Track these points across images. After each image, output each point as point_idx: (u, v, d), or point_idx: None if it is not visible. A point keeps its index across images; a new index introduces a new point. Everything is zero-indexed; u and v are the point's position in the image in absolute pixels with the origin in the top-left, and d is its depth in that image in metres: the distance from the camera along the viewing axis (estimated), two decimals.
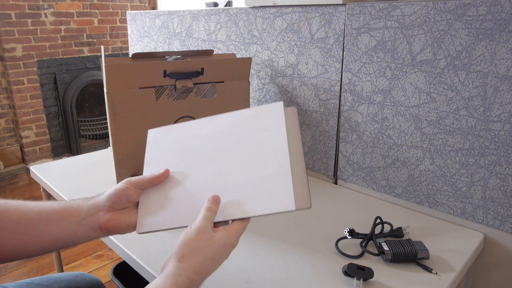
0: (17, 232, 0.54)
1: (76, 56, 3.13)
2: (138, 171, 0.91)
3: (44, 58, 2.95)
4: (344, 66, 0.89)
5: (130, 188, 0.56)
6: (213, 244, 0.49)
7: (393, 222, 0.74)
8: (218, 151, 0.58)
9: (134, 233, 0.75)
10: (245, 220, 0.52)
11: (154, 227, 0.56)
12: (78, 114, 3.24)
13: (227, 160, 0.56)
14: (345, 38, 0.87)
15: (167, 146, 0.62)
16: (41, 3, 2.86)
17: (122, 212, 0.57)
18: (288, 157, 0.53)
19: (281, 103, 0.57)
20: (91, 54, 3.21)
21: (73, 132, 3.17)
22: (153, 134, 0.65)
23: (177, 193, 0.57)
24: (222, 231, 0.50)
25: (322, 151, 0.99)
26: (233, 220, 0.52)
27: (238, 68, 0.96)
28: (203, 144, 0.59)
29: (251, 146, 0.56)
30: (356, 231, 0.72)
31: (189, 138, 0.61)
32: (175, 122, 0.92)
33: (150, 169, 0.61)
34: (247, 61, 0.97)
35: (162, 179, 0.59)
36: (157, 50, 1.43)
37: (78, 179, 1.01)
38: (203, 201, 0.53)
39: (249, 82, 1.00)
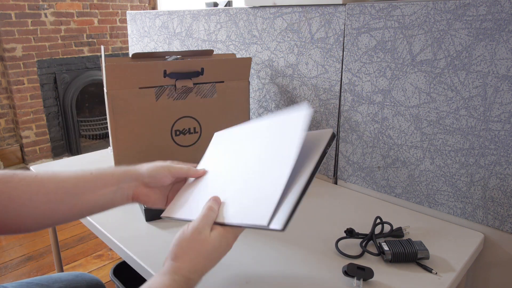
0: (56, 202, 0.57)
1: (76, 56, 3.13)
2: None
3: (44, 58, 2.95)
4: (344, 66, 0.89)
5: (167, 176, 0.61)
6: (208, 244, 0.50)
7: (393, 222, 0.74)
8: (243, 155, 0.61)
9: (134, 233, 0.75)
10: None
11: (175, 215, 0.61)
12: (78, 114, 3.24)
13: (241, 164, 0.59)
14: (345, 38, 0.87)
15: (221, 147, 0.68)
16: (41, 3, 2.86)
17: (154, 190, 0.62)
18: (287, 174, 0.50)
19: (306, 115, 0.53)
20: (91, 54, 3.21)
21: (73, 132, 3.17)
22: (216, 137, 0.73)
23: (200, 191, 0.62)
24: (218, 231, 0.51)
25: None
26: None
27: (238, 68, 0.96)
28: (240, 146, 0.63)
29: (264, 153, 0.56)
30: (356, 231, 0.72)
31: (235, 141, 0.65)
32: (175, 122, 0.92)
33: (201, 165, 0.68)
34: (247, 61, 0.97)
35: (196, 175, 0.65)
36: (157, 50, 1.43)
37: None
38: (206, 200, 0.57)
39: (249, 82, 1.00)
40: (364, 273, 0.60)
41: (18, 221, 0.56)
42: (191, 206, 0.60)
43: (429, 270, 0.63)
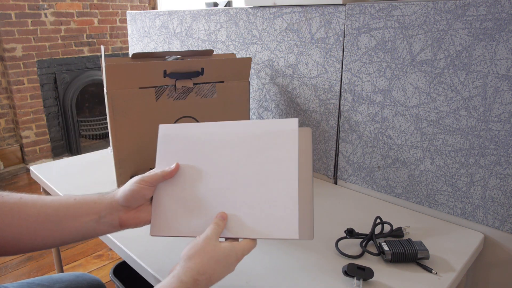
0: (36, 227, 0.55)
1: (76, 56, 3.13)
2: (138, 171, 0.91)
3: (44, 58, 2.95)
4: (344, 66, 0.89)
5: (144, 187, 0.57)
6: (219, 249, 0.51)
7: (393, 222, 0.74)
8: (230, 163, 0.58)
9: (133, 233, 0.75)
10: (253, 240, 0.54)
11: (167, 233, 0.58)
12: (78, 114, 3.24)
13: (238, 175, 0.57)
14: (345, 38, 0.87)
15: (180, 146, 0.62)
16: (41, 3, 2.86)
17: (140, 209, 0.59)
18: (297, 183, 0.53)
19: (296, 120, 0.55)
20: (91, 54, 3.21)
21: (73, 132, 3.17)
22: (164, 130, 0.64)
23: (189, 201, 0.58)
24: (229, 243, 0.53)
25: (322, 151, 0.99)
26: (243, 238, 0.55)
27: (238, 68, 0.96)
28: (215, 151, 0.59)
29: (262, 164, 0.56)
30: (356, 231, 0.72)
31: (202, 141, 0.61)
32: (175, 122, 0.92)
33: (162, 166, 0.62)
34: (247, 61, 0.97)
35: (173, 174, 0.60)
36: (157, 50, 1.43)
37: (78, 179, 1.01)
38: (213, 215, 0.56)
39: (249, 82, 1.00)
40: (364, 273, 0.60)
41: None
42: (186, 223, 0.58)
43: (429, 270, 0.63)
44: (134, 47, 1.54)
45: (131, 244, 0.72)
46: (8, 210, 0.55)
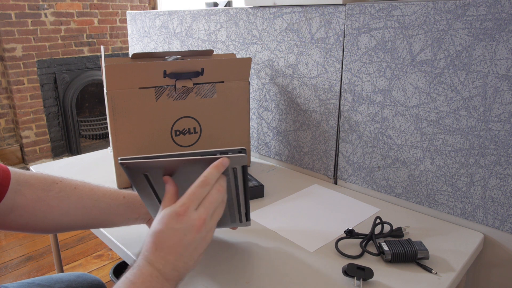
0: (89, 217, 0.63)
1: (76, 56, 3.13)
2: None
3: (44, 58, 2.95)
4: (344, 66, 0.89)
5: None
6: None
7: (393, 222, 0.74)
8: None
9: (133, 233, 0.75)
10: None
11: None
12: (78, 114, 3.24)
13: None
14: (345, 38, 0.87)
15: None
16: (41, 3, 2.86)
17: None
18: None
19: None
20: (91, 54, 3.21)
21: (73, 132, 3.17)
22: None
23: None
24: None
25: (322, 151, 0.99)
26: None
27: (238, 68, 0.96)
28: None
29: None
30: (356, 231, 0.72)
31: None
32: (175, 122, 0.92)
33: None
34: (247, 61, 0.97)
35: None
36: (157, 50, 1.43)
37: (78, 179, 1.01)
38: None
39: (249, 82, 1.00)
40: (364, 273, 0.60)
41: (49, 226, 0.62)
42: None
43: (429, 270, 0.63)
44: (134, 47, 1.54)
45: (131, 244, 0.72)
46: (66, 198, 0.61)
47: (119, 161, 0.50)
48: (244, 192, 0.57)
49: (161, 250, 0.45)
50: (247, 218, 0.64)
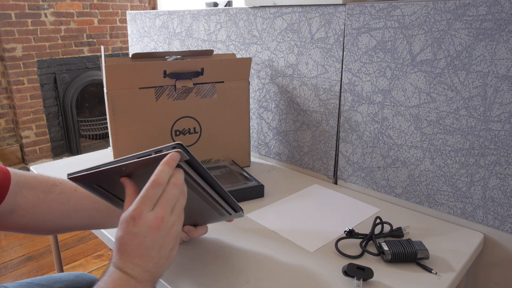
0: (89, 219, 0.64)
1: (76, 56, 3.13)
2: None
3: (44, 58, 2.95)
4: (344, 66, 0.89)
5: None
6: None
7: (393, 222, 0.74)
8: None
9: None
10: None
11: None
12: (78, 114, 3.24)
13: None
14: (345, 38, 0.87)
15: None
16: (41, 3, 2.86)
17: None
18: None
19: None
20: (91, 54, 3.21)
21: (73, 132, 3.17)
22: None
23: None
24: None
25: (322, 151, 0.99)
26: None
27: (238, 68, 0.96)
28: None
29: None
30: (356, 231, 0.72)
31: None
32: (175, 122, 0.92)
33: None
34: (247, 61, 0.97)
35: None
36: (157, 50, 1.43)
37: None
38: None
39: (249, 82, 1.00)
40: (364, 273, 0.60)
41: (49, 227, 0.62)
42: None
43: (429, 270, 0.63)
44: (134, 47, 1.54)
45: None
46: (66, 201, 0.62)
47: (67, 177, 0.51)
48: (210, 185, 0.55)
49: (126, 254, 0.45)
50: (235, 209, 0.62)
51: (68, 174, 0.51)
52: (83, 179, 0.52)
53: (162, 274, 0.49)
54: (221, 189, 0.56)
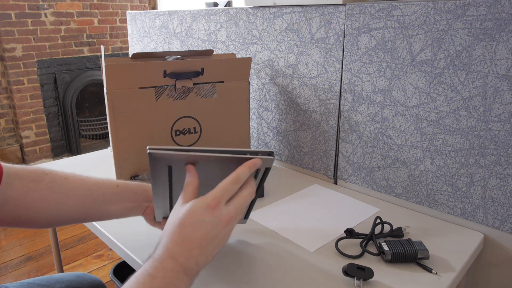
0: (83, 207, 0.62)
1: (76, 56, 3.13)
2: (138, 171, 0.91)
3: (44, 58, 2.95)
4: (344, 66, 0.89)
5: None
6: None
7: (393, 222, 0.74)
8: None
9: (133, 233, 0.75)
10: None
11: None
12: (78, 114, 3.24)
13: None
14: (345, 38, 0.87)
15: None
16: (41, 3, 2.86)
17: None
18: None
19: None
20: (91, 54, 3.21)
21: (73, 132, 3.17)
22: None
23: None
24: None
25: (322, 151, 0.99)
26: None
27: (238, 68, 0.96)
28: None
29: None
30: (356, 231, 0.72)
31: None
32: (175, 122, 0.92)
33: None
34: (247, 61, 0.97)
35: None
36: (157, 50, 1.43)
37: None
38: None
39: (249, 82, 1.00)
40: (364, 273, 0.60)
41: (42, 218, 0.60)
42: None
43: (429, 270, 0.63)
44: (134, 47, 1.54)
45: (131, 244, 0.72)
46: (58, 188, 0.60)
47: (148, 151, 0.49)
48: (256, 192, 0.57)
49: (187, 242, 0.44)
50: (246, 216, 0.65)
51: (149, 148, 0.49)
52: (162, 157, 0.50)
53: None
54: (257, 196, 0.58)
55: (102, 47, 1.00)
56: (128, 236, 0.75)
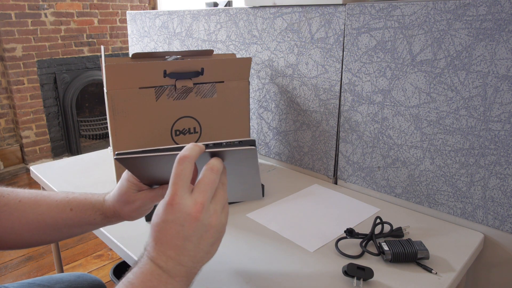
0: (37, 232, 0.58)
1: (76, 56, 3.13)
2: None
3: (44, 58, 2.95)
4: (344, 66, 0.89)
5: (130, 179, 0.56)
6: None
7: (393, 222, 0.74)
8: None
9: (133, 233, 0.75)
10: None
11: None
12: (78, 114, 3.24)
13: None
14: (345, 38, 0.87)
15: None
16: (41, 3, 2.86)
17: (133, 202, 0.57)
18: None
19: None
20: (91, 54, 3.21)
21: (73, 132, 3.17)
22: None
23: None
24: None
25: (322, 151, 0.99)
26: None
27: (238, 68, 0.96)
28: None
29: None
30: (356, 231, 0.72)
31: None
32: (175, 122, 0.92)
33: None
34: (247, 61, 0.97)
35: None
36: (157, 50, 1.43)
37: (78, 179, 1.01)
38: None
39: (249, 82, 1.00)
40: (364, 273, 0.60)
41: (1, 242, 0.57)
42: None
43: (429, 270, 0.63)
44: (134, 47, 1.54)
45: (131, 244, 0.72)
46: (9, 214, 0.57)
47: (115, 157, 0.48)
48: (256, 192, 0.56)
49: (160, 245, 0.42)
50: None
51: (117, 153, 0.47)
52: (130, 161, 0.49)
53: (200, 270, 0.45)
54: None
55: (102, 47, 1.00)
56: (128, 236, 0.75)
